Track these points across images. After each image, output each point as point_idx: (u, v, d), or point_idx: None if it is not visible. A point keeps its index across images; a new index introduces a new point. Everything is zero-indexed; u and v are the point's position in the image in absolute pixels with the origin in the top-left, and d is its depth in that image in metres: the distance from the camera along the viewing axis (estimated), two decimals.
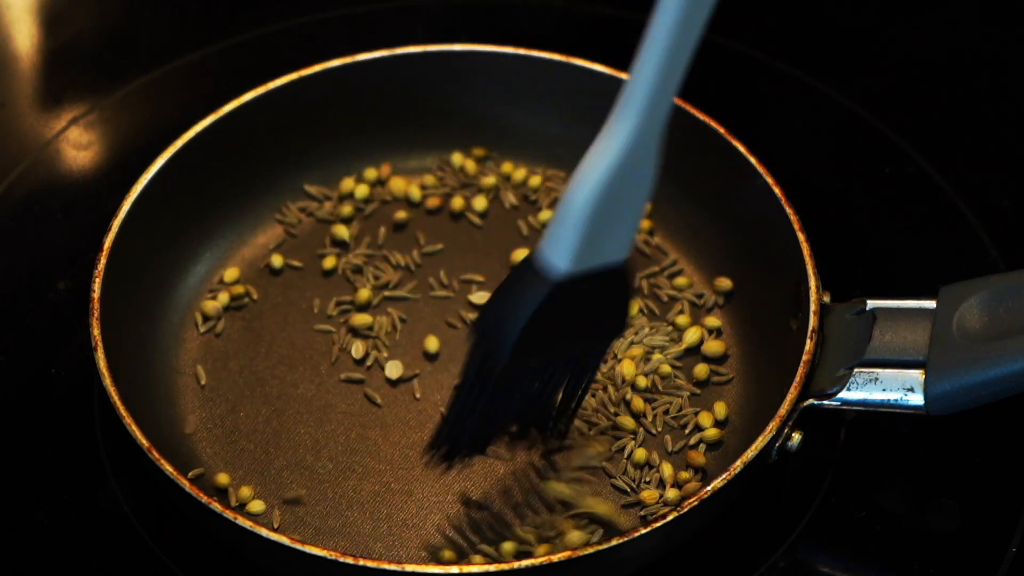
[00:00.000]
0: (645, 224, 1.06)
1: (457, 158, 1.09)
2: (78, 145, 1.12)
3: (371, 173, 1.08)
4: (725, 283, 1.03)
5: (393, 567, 0.86)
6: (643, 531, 0.86)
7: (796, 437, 0.92)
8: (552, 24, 1.20)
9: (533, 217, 1.07)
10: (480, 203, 1.07)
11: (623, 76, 1.05)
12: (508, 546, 0.92)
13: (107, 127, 1.14)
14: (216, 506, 0.87)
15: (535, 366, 0.89)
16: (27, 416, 0.99)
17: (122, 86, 1.15)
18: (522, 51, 1.07)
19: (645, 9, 0.92)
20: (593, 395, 0.98)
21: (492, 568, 0.86)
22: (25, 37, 1.20)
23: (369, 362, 1.00)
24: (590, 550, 0.86)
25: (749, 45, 1.18)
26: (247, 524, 0.87)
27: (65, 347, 1.01)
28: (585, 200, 0.82)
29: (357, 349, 1.01)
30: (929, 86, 1.17)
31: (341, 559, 0.86)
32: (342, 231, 1.05)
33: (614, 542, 0.86)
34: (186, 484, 0.88)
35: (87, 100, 1.15)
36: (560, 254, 0.84)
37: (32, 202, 1.09)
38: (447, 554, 0.92)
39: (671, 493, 0.94)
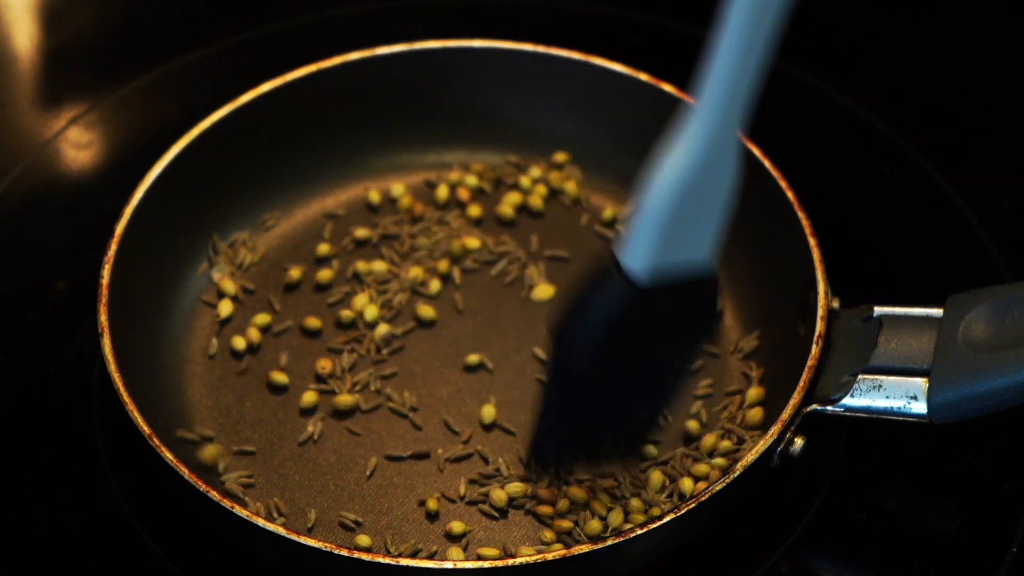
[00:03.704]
0: None
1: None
2: (78, 145, 1.12)
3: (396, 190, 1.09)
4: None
5: (388, 561, 0.86)
6: (639, 532, 0.86)
7: (799, 442, 0.92)
8: (554, 24, 1.20)
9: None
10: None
11: (641, 76, 1.05)
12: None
13: (107, 127, 1.14)
14: (214, 495, 0.87)
15: (618, 374, 0.87)
16: (27, 416, 0.99)
17: (122, 86, 1.15)
18: (541, 48, 1.07)
19: (645, 9, 0.93)
20: None
21: (487, 565, 0.86)
22: (25, 37, 1.20)
23: (375, 352, 1.01)
24: (586, 548, 0.86)
25: None
26: (245, 514, 0.87)
27: (65, 347, 1.01)
28: (661, 204, 0.80)
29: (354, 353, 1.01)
30: (930, 86, 1.17)
31: (337, 551, 0.86)
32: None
33: (610, 542, 0.86)
34: (185, 472, 0.88)
35: (87, 100, 1.15)
36: (638, 258, 0.82)
37: (32, 202, 1.09)
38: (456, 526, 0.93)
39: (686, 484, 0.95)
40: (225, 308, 1.02)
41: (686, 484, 0.94)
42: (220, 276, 1.03)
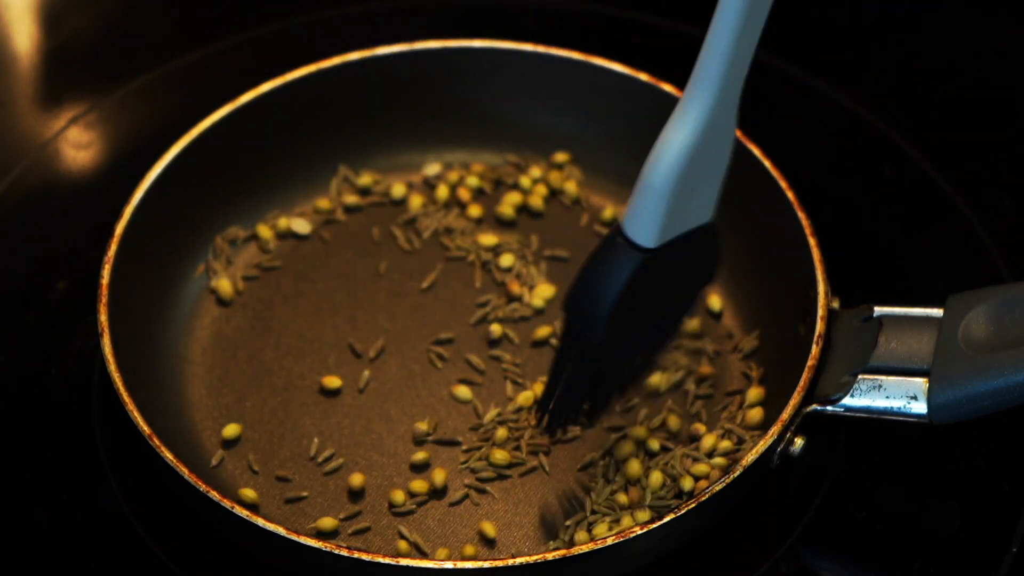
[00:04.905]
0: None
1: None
2: (78, 145, 1.13)
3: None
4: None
5: (388, 561, 0.86)
6: (639, 532, 0.86)
7: (799, 442, 0.92)
8: (554, 24, 1.20)
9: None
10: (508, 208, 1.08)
11: (641, 76, 1.05)
12: None
13: (107, 127, 1.14)
14: (214, 495, 0.87)
15: (629, 335, 0.89)
16: (27, 416, 0.99)
17: (122, 86, 1.15)
18: (541, 48, 1.07)
19: (645, 9, 0.92)
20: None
21: (487, 564, 0.86)
22: (25, 37, 1.20)
23: (374, 354, 1.01)
24: (586, 549, 0.86)
25: None
26: (244, 514, 0.87)
27: (65, 347, 1.01)
28: (665, 177, 0.81)
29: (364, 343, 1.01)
30: (929, 86, 1.17)
31: (336, 551, 0.86)
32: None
33: (610, 542, 0.86)
34: (185, 472, 0.88)
35: (87, 100, 1.15)
36: (644, 232, 0.84)
37: (31, 202, 1.09)
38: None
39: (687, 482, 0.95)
40: (224, 307, 1.02)
41: (686, 484, 0.94)
42: (219, 277, 1.03)
